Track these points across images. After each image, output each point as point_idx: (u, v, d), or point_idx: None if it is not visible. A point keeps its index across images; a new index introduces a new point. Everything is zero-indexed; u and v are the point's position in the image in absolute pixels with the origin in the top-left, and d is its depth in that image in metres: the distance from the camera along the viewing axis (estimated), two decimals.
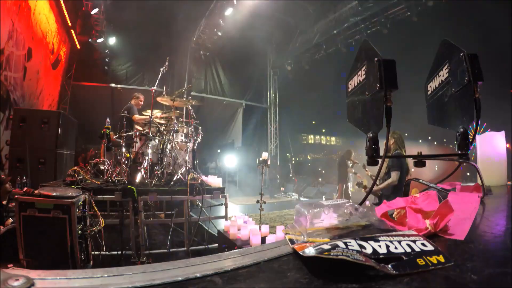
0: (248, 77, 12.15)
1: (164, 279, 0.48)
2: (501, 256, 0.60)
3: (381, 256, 0.55)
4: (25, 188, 2.71)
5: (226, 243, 3.51)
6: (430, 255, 0.55)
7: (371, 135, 1.09)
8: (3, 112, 5.10)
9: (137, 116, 5.08)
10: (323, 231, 0.74)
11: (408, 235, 0.64)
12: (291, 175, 12.25)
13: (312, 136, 17.80)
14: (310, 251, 0.55)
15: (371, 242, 0.58)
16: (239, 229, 3.50)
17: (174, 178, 4.21)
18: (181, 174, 4.32)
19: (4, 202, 3.01)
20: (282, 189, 11.51)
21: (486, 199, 1.10)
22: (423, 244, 0.59)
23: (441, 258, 0.54)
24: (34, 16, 6.07)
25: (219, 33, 9.78)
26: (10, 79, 5.27)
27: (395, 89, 1.02)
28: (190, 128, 4.77)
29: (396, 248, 0.57)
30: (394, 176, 3.48)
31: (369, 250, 0.56)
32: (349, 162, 6.72)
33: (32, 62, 6.23)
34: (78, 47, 9.08)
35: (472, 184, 1.25)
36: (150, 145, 4.37)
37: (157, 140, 4.58)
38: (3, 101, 5.08)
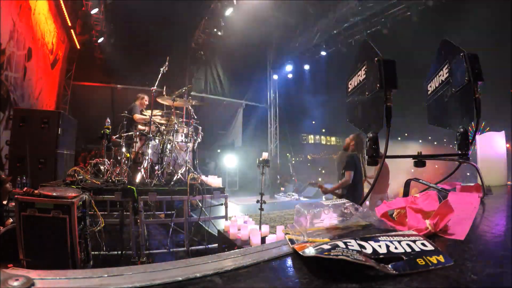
0: (248, 77, 12.14)
1: (164, 279, 0.48)
2: (501, 256, 0.60)
3: (381, 256, 0.54)
4: (25, 188, 2.72)
5: (226, 243, 3.51)
6: (430, 255, 0.55)
7: (371, 135, 1.09)
8: (3, 112, 5.10)
9: (137, 116, 5.08)
10: (323, 231, 0.74)
11: (408, 235, 0.64)
12: (291, 175, 12.25)
13: (312, 136, 17.78)
14: (310, 251, 0.55)
15: (371, 242, 0.58)
16: (239, 229, 3.50)
17: (174, 178, 4.21)
18: (181, 174, 4.32)
19: (4, 202, 3.02)
20: (282, 189, 11.50)
21: (486, 199, 1.10)
22: (423, 244, 0.59)
23: (441, 258, 0.54)
24: (34, 16, 6.08)
25: (219, 33, 9.77)
26: (10, 79, 5.27)
27: (395, 89, 1.03)
28: (190, 128, 4.77)
29: (396, 248, 0.57)
30: (347, 175, 3.72)
31: (369, 250, 0.56)
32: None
33: (32, 62, 6.24)
34: (78, 47, 9.08)
35: (472, 184, 1.25)
36: (150, 145, 4.37)
37: (157, 140, 4.58)
38: (3, 101, 5.09)
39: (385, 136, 1.07)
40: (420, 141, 13.61)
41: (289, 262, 0.58)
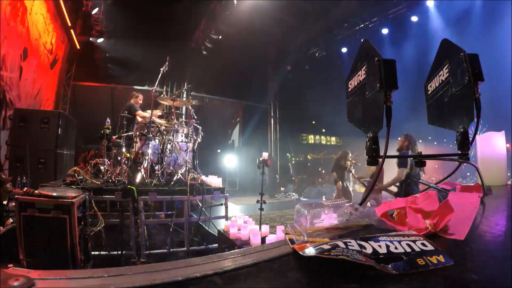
0: (248, 77, 12.13)
1: (164, 279, 0.48)
2: (501, 256, 0.60)
3: (381, 256, 0.54)
4: (25, 188, 2.71)
5: (226, 243, 3.51)
6: (430, 255, 0.55)
7: (371, 135, 1.09)
8: None
9: (140, 113, 5.08)
10: (323, 231, 0.74)
11: (408, 235, 0.64)
12: (291, 175, 12.25)
13: (312, 136, 17.77)
14: (310, 251, 0.55)
15: (371, 242, 0.58)
16: (239, 229, 3.50)
17: (174, 178, 4.21)
18: (181, 174, 4.32)
19: (5, 202, 3.02)
20: (282, 189, 11.50)
21: (486, 199, 1.10)
22: (423, 244, 0.59)
23: (441, 258, 0.54)
24: (31, 16, 6.06)
25: (219, 33, 9.77)
26: (5, 79, 5.26)
27: (395, 89, 1.03)
28: (190, 128, 4.77)
29: (396, 248, 0.57)
30: (400, 172, 3.72)
31: (369, 250, 0.56)
32: (347, 163, 6.70)
33: (28, 62, 6.22)
34: (78, 47, 9.08)
35: (472, 184, 1.25)
36: (150, 145, 4.37)
37: (157, 140, 4.58)
38: None
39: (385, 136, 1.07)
40: (420, 141, 13.63)
41: (289, 262, 0.58)
